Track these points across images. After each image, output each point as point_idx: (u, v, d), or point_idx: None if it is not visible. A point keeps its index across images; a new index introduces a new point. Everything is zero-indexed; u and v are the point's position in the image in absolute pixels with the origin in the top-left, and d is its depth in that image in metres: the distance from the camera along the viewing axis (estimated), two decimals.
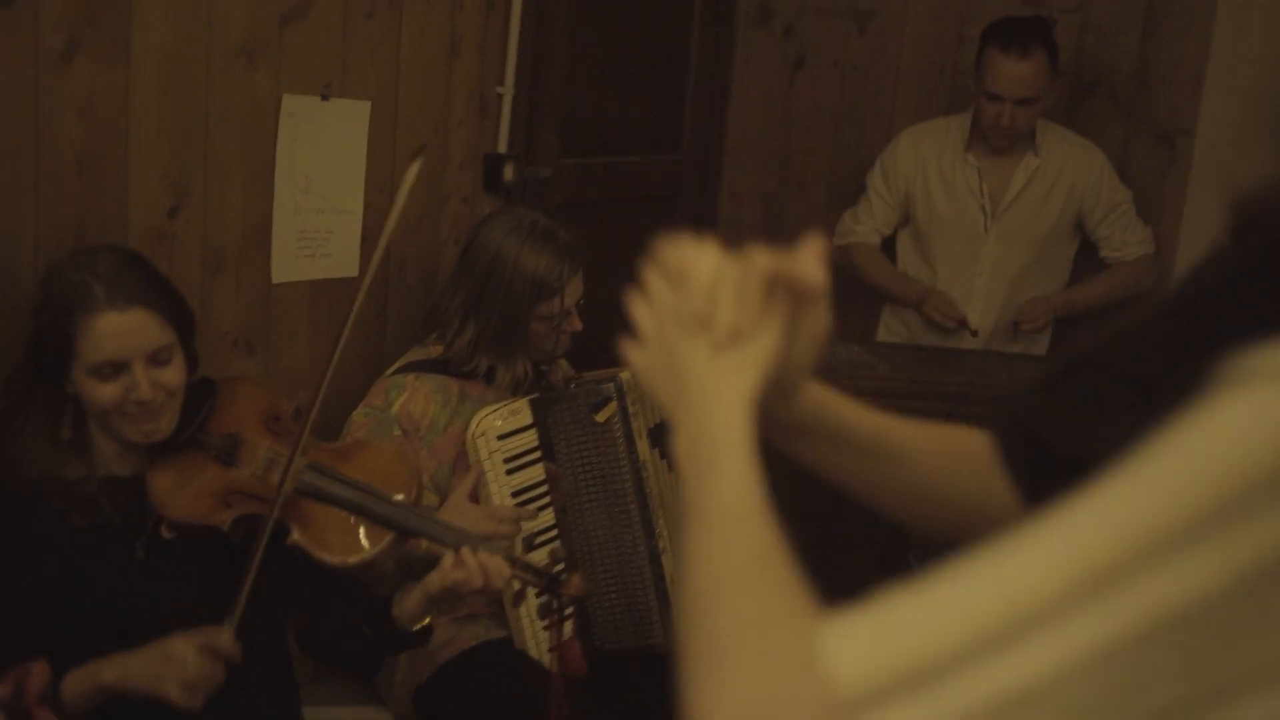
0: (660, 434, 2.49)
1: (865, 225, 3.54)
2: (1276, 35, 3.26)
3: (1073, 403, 0.93)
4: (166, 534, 1.85)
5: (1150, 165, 3.51)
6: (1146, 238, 3.44)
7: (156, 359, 1.81)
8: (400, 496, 1.96)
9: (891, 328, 3.56)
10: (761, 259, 0.84)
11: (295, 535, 1.88)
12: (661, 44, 3.72)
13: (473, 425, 2.31)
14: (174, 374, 1.83)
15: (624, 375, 2.41)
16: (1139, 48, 3.50)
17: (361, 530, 1.91)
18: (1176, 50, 3.45)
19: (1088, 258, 3.49)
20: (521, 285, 2.40)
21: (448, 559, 1.88)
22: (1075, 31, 3.52)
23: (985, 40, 3.27)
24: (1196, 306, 0.86)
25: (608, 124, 3.51)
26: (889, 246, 3.56)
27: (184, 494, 1.86)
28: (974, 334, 3.33)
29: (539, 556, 2.06)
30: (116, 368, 1.77)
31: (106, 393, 1.78)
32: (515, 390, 2.45)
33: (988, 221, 3.37)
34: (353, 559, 1.89)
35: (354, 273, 2.60)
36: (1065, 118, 3.50)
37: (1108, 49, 3.53)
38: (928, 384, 2.98)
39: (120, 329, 1.77)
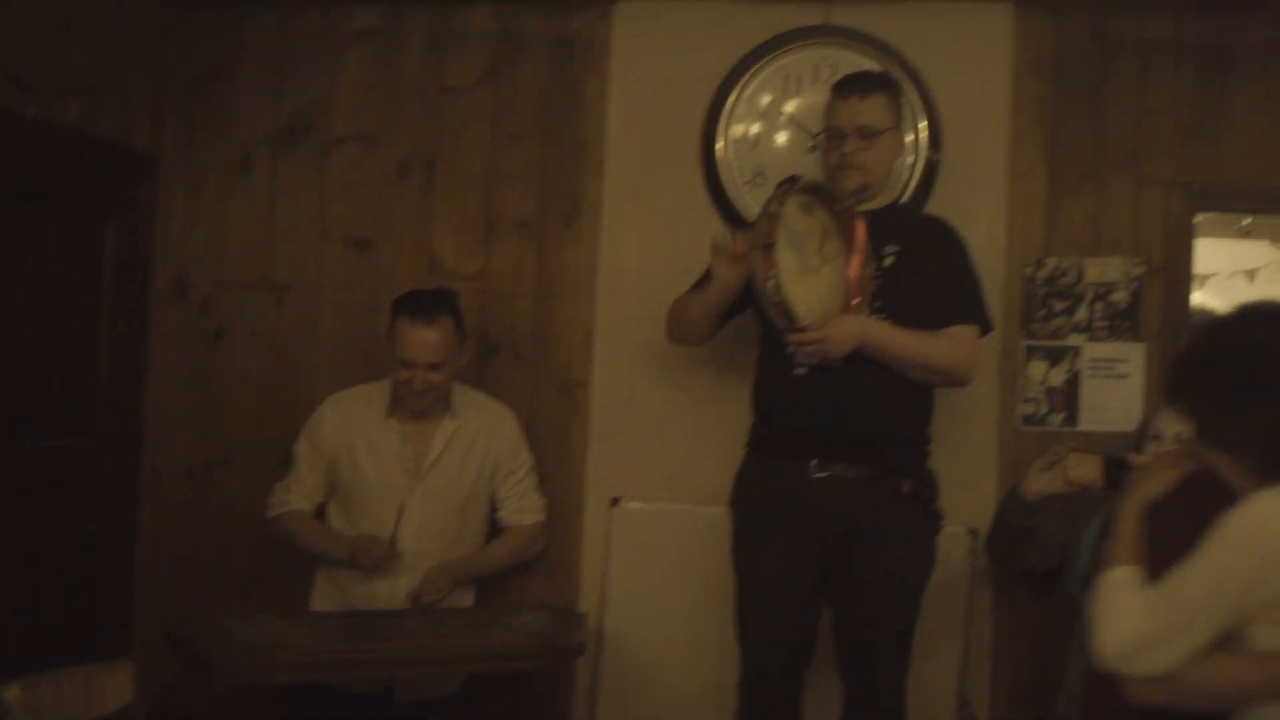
0: None
1: (296, 494, 3.56)
2: (642, 301, 3.69)
3: None
4: None
5: (556, 415, 3.80)
6: (541, 506, 3.68)
7: None
8: None
9: (326, 593, 3.54)
10: None
11: None
12: (66, 322, 3.61)
13: None
14: None
15: (10, 694, 2.26)
16: (534, 311, 3.82)
17: None
18: (567, 312, 3.80)
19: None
20: None
21: None
22: (477, 297, 3.79)
23: (395, 311, 3.46)
24: None
25: (6, 408, 3.33)
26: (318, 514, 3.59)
27: None
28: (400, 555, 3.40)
29: None
30: None
31: None
32: None
33: (412, 484, 3.49)
34: None
35: None
36: (476, 377, 3.73)
37: (507, 313, 3.83)
38: (355, 652, 2.99)
39: None
